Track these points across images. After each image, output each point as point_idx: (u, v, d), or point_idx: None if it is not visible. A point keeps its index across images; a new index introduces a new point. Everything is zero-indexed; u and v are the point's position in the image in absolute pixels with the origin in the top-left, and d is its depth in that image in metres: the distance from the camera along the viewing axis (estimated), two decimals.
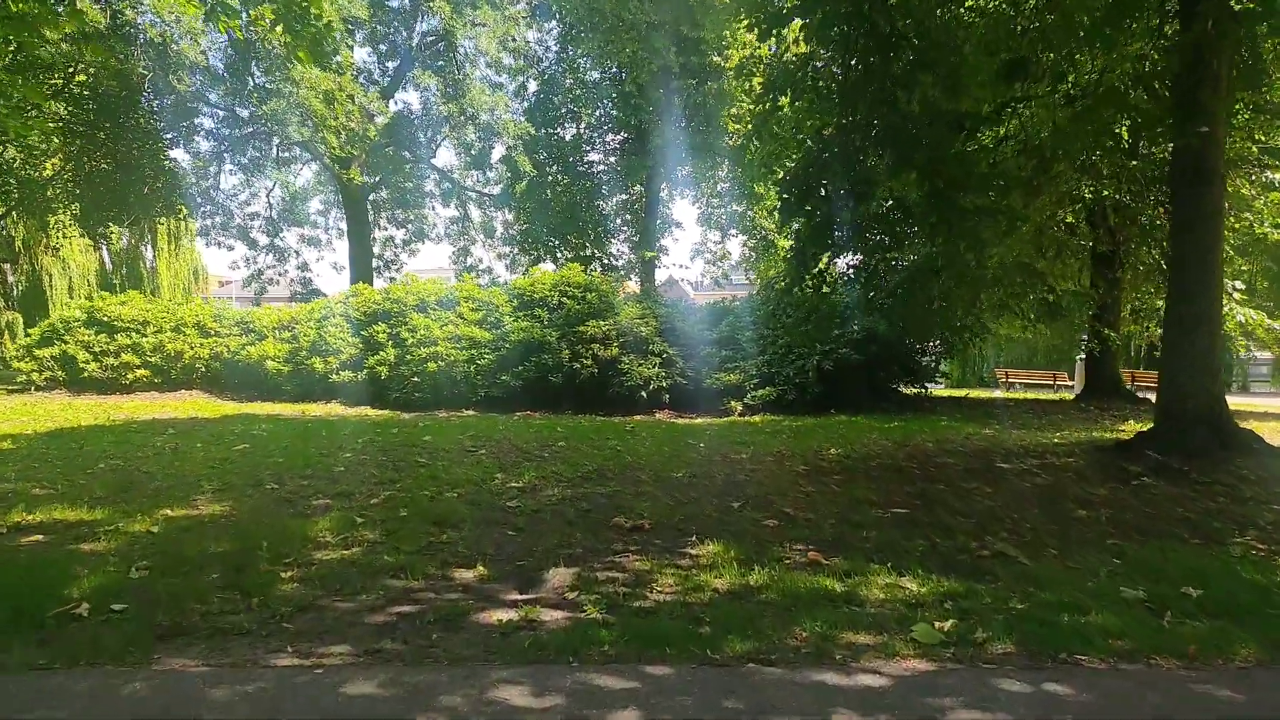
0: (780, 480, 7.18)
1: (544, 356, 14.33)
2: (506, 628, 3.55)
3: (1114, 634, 3.44)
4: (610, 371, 14.41)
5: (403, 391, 14.68)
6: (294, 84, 19.28)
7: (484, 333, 15.03)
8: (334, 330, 15.73)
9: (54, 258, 33.09)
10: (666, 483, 7.00)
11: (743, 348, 14.94)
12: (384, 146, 29.68)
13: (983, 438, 10.71)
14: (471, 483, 6.80)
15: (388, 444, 9.37)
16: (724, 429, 11.72)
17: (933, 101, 6.83)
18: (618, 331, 14.59)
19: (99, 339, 16.88)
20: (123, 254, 37.02)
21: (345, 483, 6.76)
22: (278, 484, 6.70)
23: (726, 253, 33.82)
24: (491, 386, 14.44)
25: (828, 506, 6.04)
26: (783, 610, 3.76)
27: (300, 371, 15.69)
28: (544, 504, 6.02)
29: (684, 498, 6.35)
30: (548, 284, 15.66)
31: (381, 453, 8.68)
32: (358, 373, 15.19)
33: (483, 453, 8.71)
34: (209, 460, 7.92)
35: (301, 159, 33.43)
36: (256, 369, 16.12)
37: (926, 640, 3.36)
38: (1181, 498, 6.28)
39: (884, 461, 8.35)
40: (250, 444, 9.09)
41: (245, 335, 17.22)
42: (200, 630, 3.53)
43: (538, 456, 8.49)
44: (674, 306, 16.62)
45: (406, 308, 15.86)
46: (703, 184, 32.95)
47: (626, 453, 8.81)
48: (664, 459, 8.37)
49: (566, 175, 31.17)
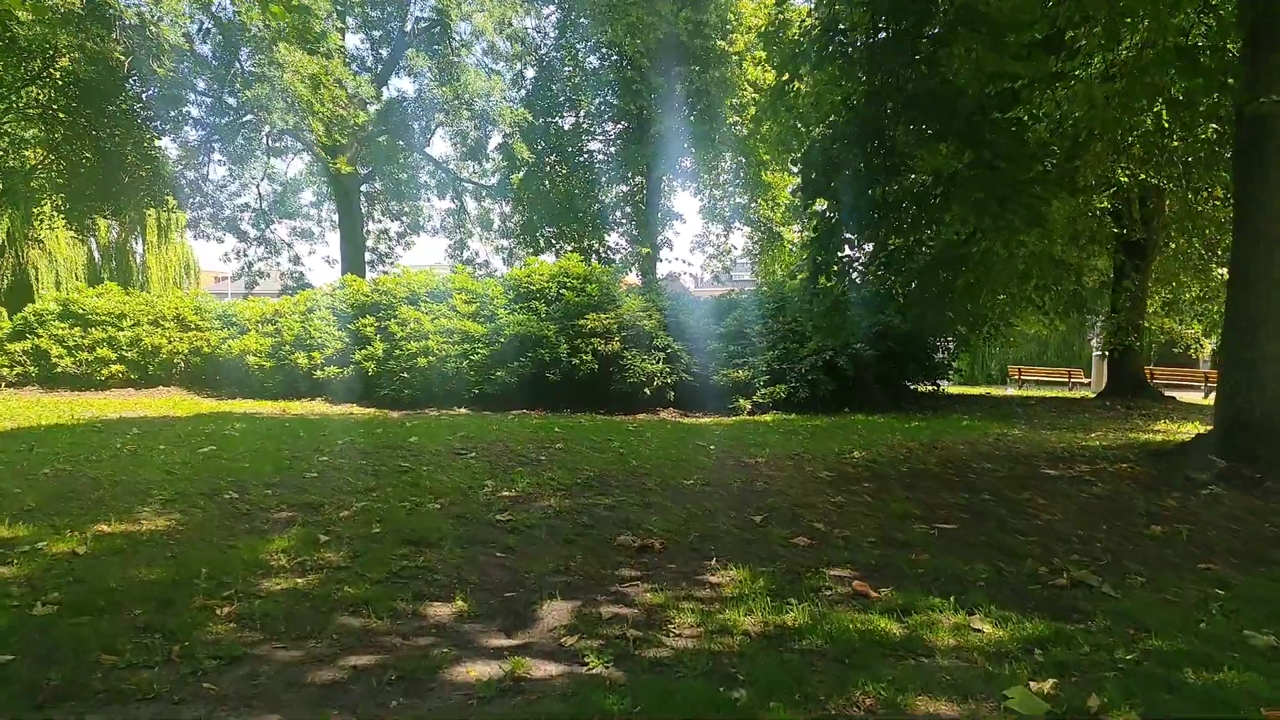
0: (804, 489, 6.45)
1: (541, 351, 13.59)
2: (486, 689, 2.82)
3: (1264, 699, 2.71)
4: (611, 367, 13.68)
5: (391, 388, 13.93)
6: (279, 68, 18.48)
7: (478, 326, 14.29)
8: (319, 324, 14.97)
9: (40, 250, 32.40)
10: (677, 491, 6.27)
11: (751, 343, 14.20)
12: (377, 135, 29.00)
13: (1015, 439, 9.98)
14: (457, 491, 6.06)
15: (369, 445, 8.64)
16: (734, 429, 10.99)
17: (977, 61, 6.07)
18: (619, 325, 13.85)
19: (73, 332, 16.10)
20: (111, 247, 36.36)
21: (314, 492, 6.02)
22: (238, 493, 5.96)
23: (730, 247, 33.07)
24: (485, 383, 13.69)
25: (864, 521, 5.31)
26: (833, 663, 3.04)
27: (283, 367, 14.92)
28: (538, 518, 5.29)
29: (698, 509, 5.62)
30: (546, 275, 14.91)
31: (361, 456, 7.94)
32: (344, 368, 14.43)
33: (472, 456, 7.97)
34: (168, 465, 7.17)
35: (292, 149, 32.73)
36: (238, 365, 15.37)
37: (1028, 711, 2.62)
38: (1265, 511, 5.55)
39: (916, 466, 7.61)
40: (218, 446, 8.35)
41: (227, 329, 16.46)
42: (97, 693, 2.78)
43: (533, 460, 7.75)
44: (678, 299, 15.88)
45: (396, 300, 15.11)
46: (704, 175, 32.18)
47: (631, 456, 8.08)
48: (672, 463, 7.64)
49: (565, 166, 30.39)
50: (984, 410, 14.96)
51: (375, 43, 28.55)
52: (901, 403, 14.84)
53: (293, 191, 35.29)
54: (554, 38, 28.76)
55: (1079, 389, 26.23)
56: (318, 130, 19.31)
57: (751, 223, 29.69)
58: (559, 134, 29.70)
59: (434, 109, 24.00)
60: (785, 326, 14.38)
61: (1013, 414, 14.20)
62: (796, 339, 14.14)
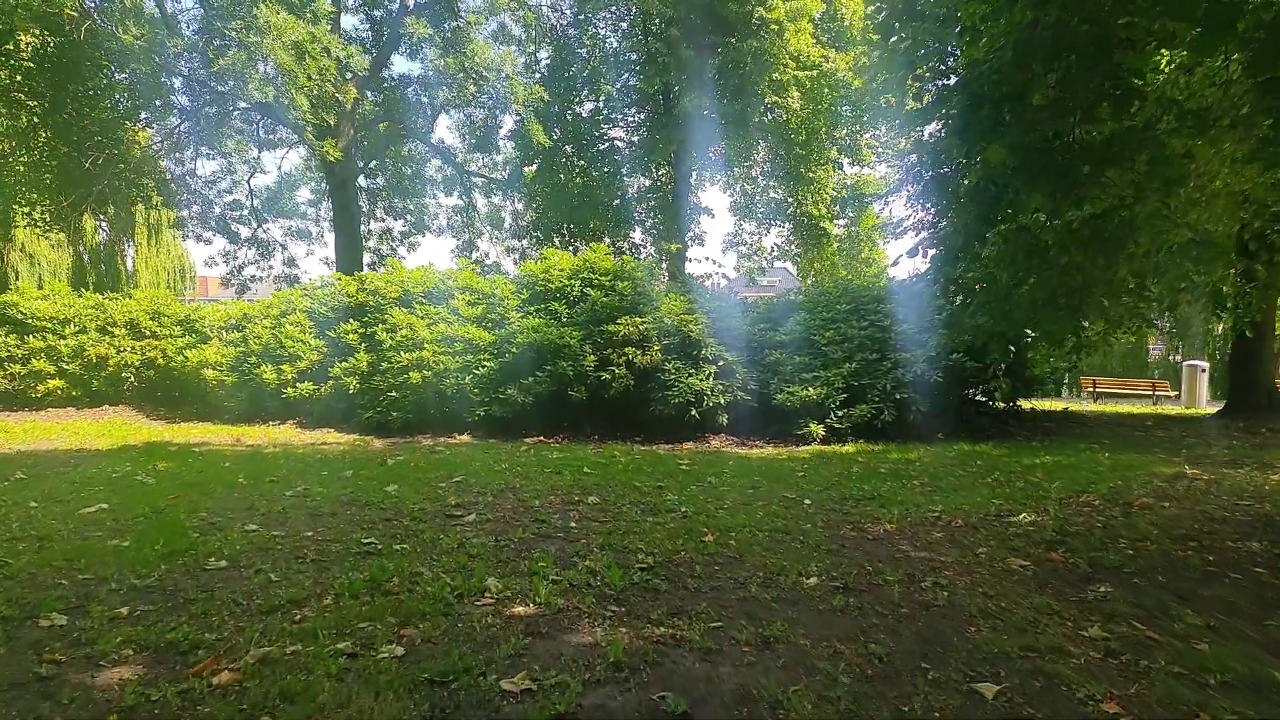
0: (1001, 596, 4.02)
1: (563, 364, 11.19)
2: None
3: None
4: (650, 384, 11.27)
5: (377, 410, 11.54)
6: (258, 32, 16.29)
7: (484, 333, 11.93)
8: (293, 330, 12.62)
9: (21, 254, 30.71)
10: (801, 603, 3.87)
11: (822, 352, 11.76)
12: (375, 122, 26.87)
13: (1209, 484, 7.46)
14: (438, 608, 3.69)
15: (328, 499, 6.29)
16: (818, 468, 8.54)
17: None
18: (659, 331, 11.44)
19: (7, 341, 13.85)
20: (100, 249, 34.47)
21: (199, 611, 3.66)
22: (70, 614, 3.61)
23: (763, 246, 30.59)
24: (493, 403, 11.28)
25: (1166, 683, 2.88)
26: None
27: (247, 383, 12.57)
28: (580, 683, 2.89)
29: (858, 657, 3.20)
30: (567, 270, 12.51)
31: (310, 520, 5.59)
32: (321, 385, 12.08)
33: (470, 520, 5.60)
34: (3, 541, 4.85)
35: (287, 141, 30.73)
36: (194, 379, 13.07)
37: None
38: None
39: (1135, 542, 5.14)
40: (113, 503, 6.02)
41: (189, 336, 14.19)
42: None
43: (559, 529, 5.37)
44: (726, 300, 13.46)
45: (386, 301, 12.78)
46: (735, 168, 29.81)
47: (700, 519, 5.68)
48: (767, 537, 5.23)
49: (583, 157, 28.14)
50: (1101, 435, 12.45)
51: (375, 24, 26.41)
52: (1005, 425, 12.36)
53: (288, 188, 33.45)
54: (571, 14, 26.51)
55: (1164, 403, 23.61)
56: (301, 105, 17.05)
57: (791, 219, 27.19)
58: (577, 121, 27.46)
59: (438, 85, 21.68)
60: (862, 332, 11.93)
61: (1147, 441, 11.69)
62: (876, 347, 11.69)
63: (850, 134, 24.77)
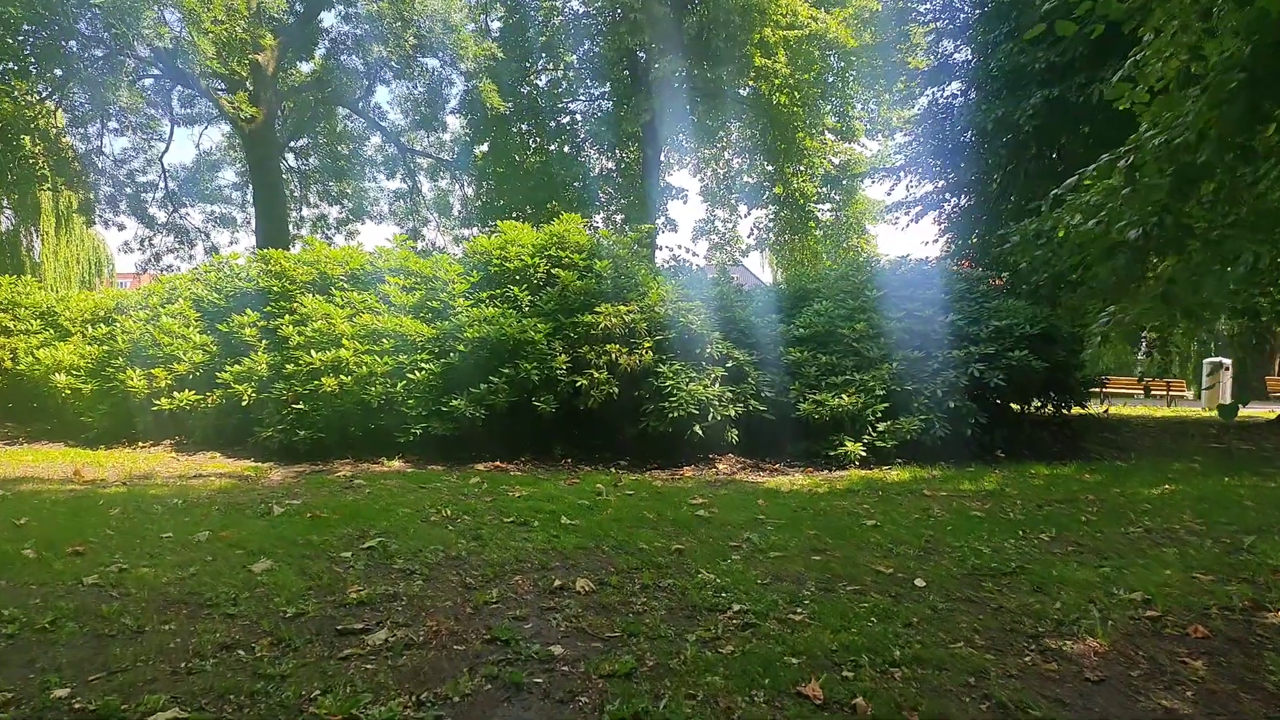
0: None
1: (525, 366, 8.77)
2: None
3: None
4: (639, 390, 8.92)
5: (279, 427, 8.94)
6: None
7: (422, 325, 9.47)
8: (172, 324, 9.97)
9: None
10: None
11: (854, 349, 9.57)
12: (303, 89, 24.16)
13: None
14: None
15: (137, 601, 3.85)
16: (885, 511, 6.30)
17: None
18: (651, 324, 9.11)
19: None
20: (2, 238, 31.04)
21: None
22: None
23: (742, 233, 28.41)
24: (433, 418, 8.80)
25: None
26: None
27: (109, 393, 9.87)
28: None
29: None
30: (529, 247, 10.06)
31: (92, 648, 3.16)
32: (206, 394, 9.48)
33: (376, 647, 3.24)
34: None
35: (207, 116, 27.80)
36: (46, 387, 10.34)
37: None
38: None
39: None
40: None
41: (49, 333, 11.44)
42: None
43: (534, 673, 3.04)
44: (725, 285, 11.19)
45: (297, 286, 10.22)
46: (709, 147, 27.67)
47: (767, 625, 3.39)
48: (903, 679, 2.97)
49: (540, 133, 25.76)
50: (1175, 448, 10.60)
51: None
52: (1072, 440, 10.38)
53: (207, 168, 30.63)
54: None
55: (1179, 404, 22.13)
56: (205, 51, 14.34)
57: (775, 200, 25.06)
58: (534, 95, 25.05)
59: (372, 39, 18.99)
60: (900, 324, 9.79)
61: (1247, 457, 9.83)
62: (919, 343, 9.56)
63: (842, 101, 22.77)
